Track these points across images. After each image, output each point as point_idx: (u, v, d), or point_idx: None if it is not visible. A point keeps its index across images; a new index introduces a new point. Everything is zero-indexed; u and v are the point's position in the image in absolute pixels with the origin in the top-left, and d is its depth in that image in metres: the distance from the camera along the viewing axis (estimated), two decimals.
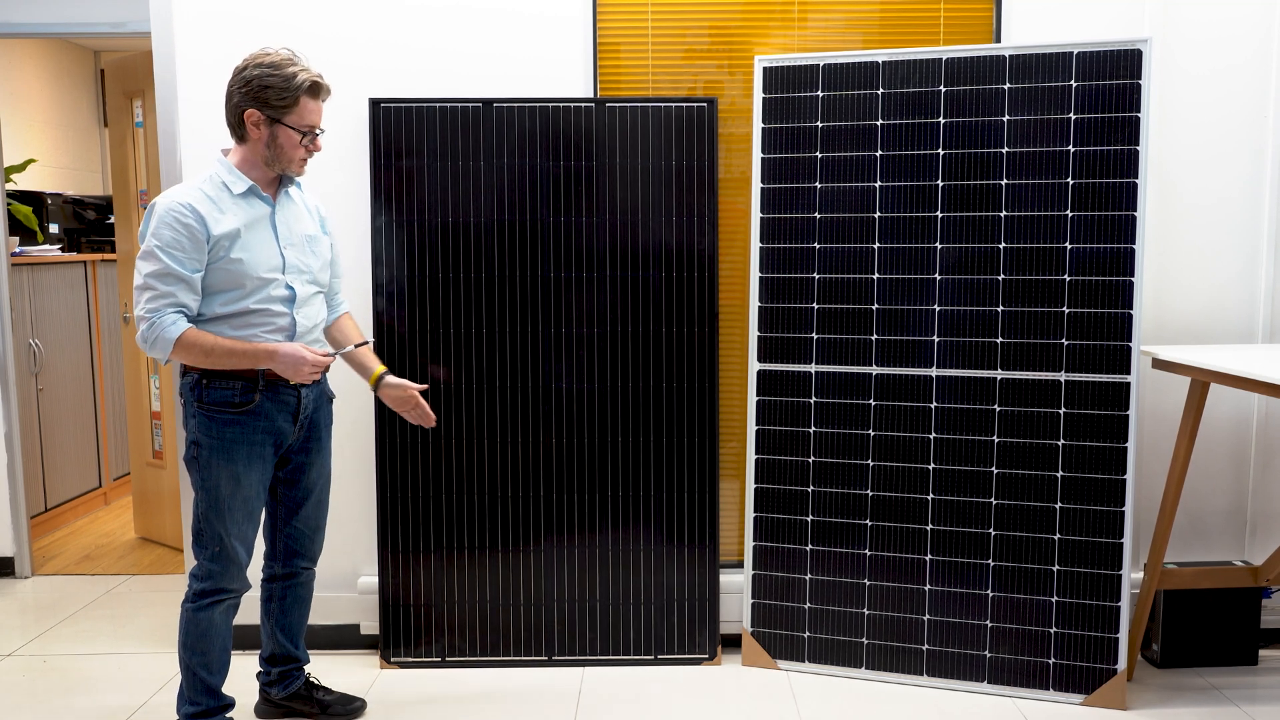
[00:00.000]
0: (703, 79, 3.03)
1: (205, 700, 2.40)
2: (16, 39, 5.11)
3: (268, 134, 2.30)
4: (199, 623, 2.36)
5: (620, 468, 2.97)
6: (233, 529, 2.34)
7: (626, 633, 2.99)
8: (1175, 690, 2.81)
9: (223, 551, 2.34)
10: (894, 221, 2.82)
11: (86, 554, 4.10)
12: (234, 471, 2.33)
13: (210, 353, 2.25)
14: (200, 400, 2.31)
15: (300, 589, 2.61)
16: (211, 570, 2.35)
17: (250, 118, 2.29)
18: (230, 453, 2.32)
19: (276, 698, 2.65)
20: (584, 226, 2.94)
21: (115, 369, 4.83)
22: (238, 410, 2.32)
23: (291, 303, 2.37)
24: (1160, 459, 3.03)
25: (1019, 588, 2.76)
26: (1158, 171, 2.96)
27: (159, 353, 2.24)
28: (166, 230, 2.21)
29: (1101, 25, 2.93)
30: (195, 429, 2.33)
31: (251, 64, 2.29)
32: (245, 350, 2.28)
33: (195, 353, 2.24)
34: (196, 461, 2.33)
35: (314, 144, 2.36)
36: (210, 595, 2.36)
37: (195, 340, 2.23)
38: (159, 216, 2.23)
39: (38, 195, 4.73)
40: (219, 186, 2.31)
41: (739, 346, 3.09)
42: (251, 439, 2.35)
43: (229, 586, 2.37)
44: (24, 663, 3.06)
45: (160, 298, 2.22)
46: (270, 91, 2.26)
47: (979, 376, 2.78)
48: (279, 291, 2.35)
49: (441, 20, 2.96)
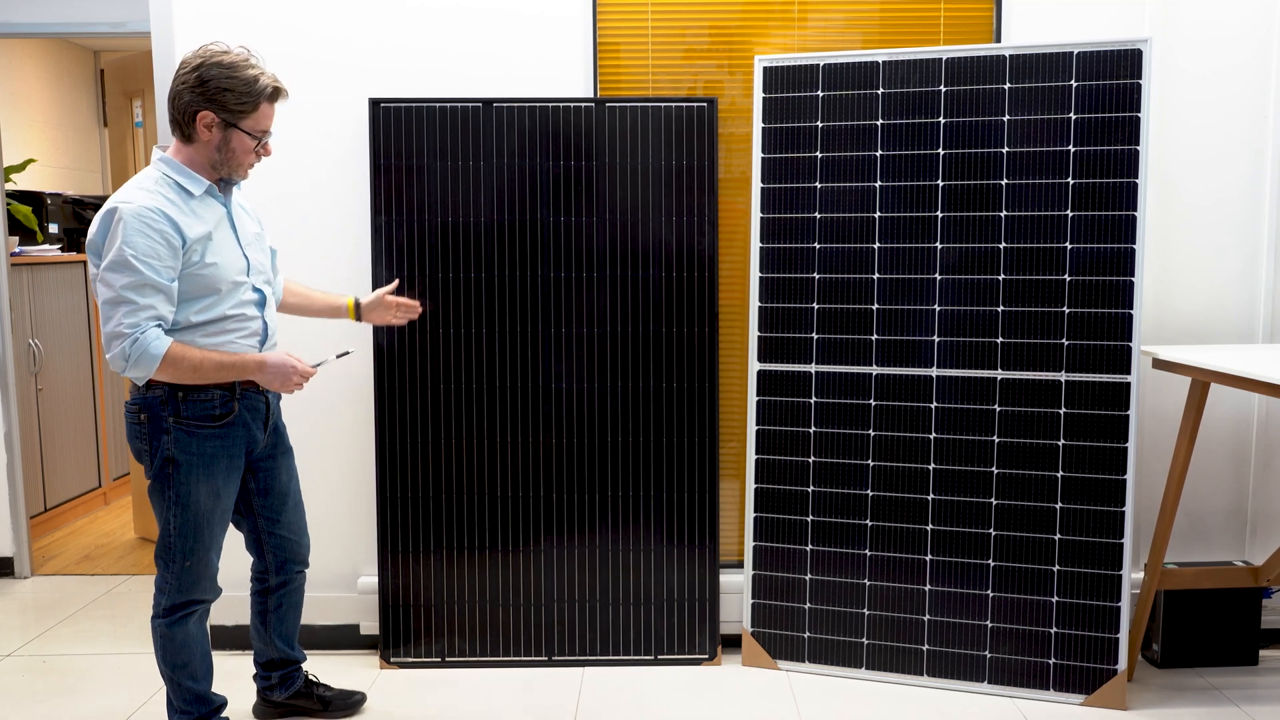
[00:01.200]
0: (703, 79, 3.02)
1: (196, 708, 2.34)
2: (16, 39, 5.11)
3: (220, 137, 2.18)
4: (174, 638, 2.28)
5: (620, 468, 2.97)
6: (210, 542, 2.27)
7: (626, 633, 2.99)
8: (1175, 690, 2.81)
9: (194, 565, 2.25)
10: (894, 221, 2.82)
11: (86, 554, 4.10)
12: (214, 486, 2.25)
13: (199, 368, 2.13)
14: (177, 415, 2.19)
15: (295, 594, 2.59)
16: (183, 584, 2.26)
17: (203, 119, 2.16)
18: (211, 467, 2.23)
19: (279, 699, 2.64)
20: (584, 226, 2.93)
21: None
22: (219, 423, 2.23)
23: (262, 306, 2.31)
24: (1160, 459, 3.03)
25: (1019, 588, 2.76)
26: (1158, 171, 2.96)
27: (141, 371, 2.10)
28: (140, 238, 2.06)
29: (1101, 25, 2.93)
30: (170, 445, 2.19)
31: (209, 61, 2.15)
32: (235, 363, 2.19)
33: (183, 368, 2.12)
34: (171, 479, 2.20)
35: (265, 149, 2.27)
36: (182, 608, 2.28)
37: (182, 355, 2.11)
38: (128, 224, 2.06)
39: (37, 195, 4.73)
40: (174, 189, 2.17)
41: (739, 346, 3.09)
42: (231, 451, 2.27)
43: (202, 597, 2.30)
44: (24, 663, 3.06)
45: (138, 311, 2.07)
46: (229, 95, 2.15)
47: (979, 376, 2.78)
48: (249, 295, 2.28)
49: (441, 20, 2.96)
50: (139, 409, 2.21)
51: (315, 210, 2.98)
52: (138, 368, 2.09)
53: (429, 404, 2.95)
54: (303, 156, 2.96)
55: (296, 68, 2.93)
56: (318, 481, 3.05)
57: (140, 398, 2.20)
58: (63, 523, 4.46)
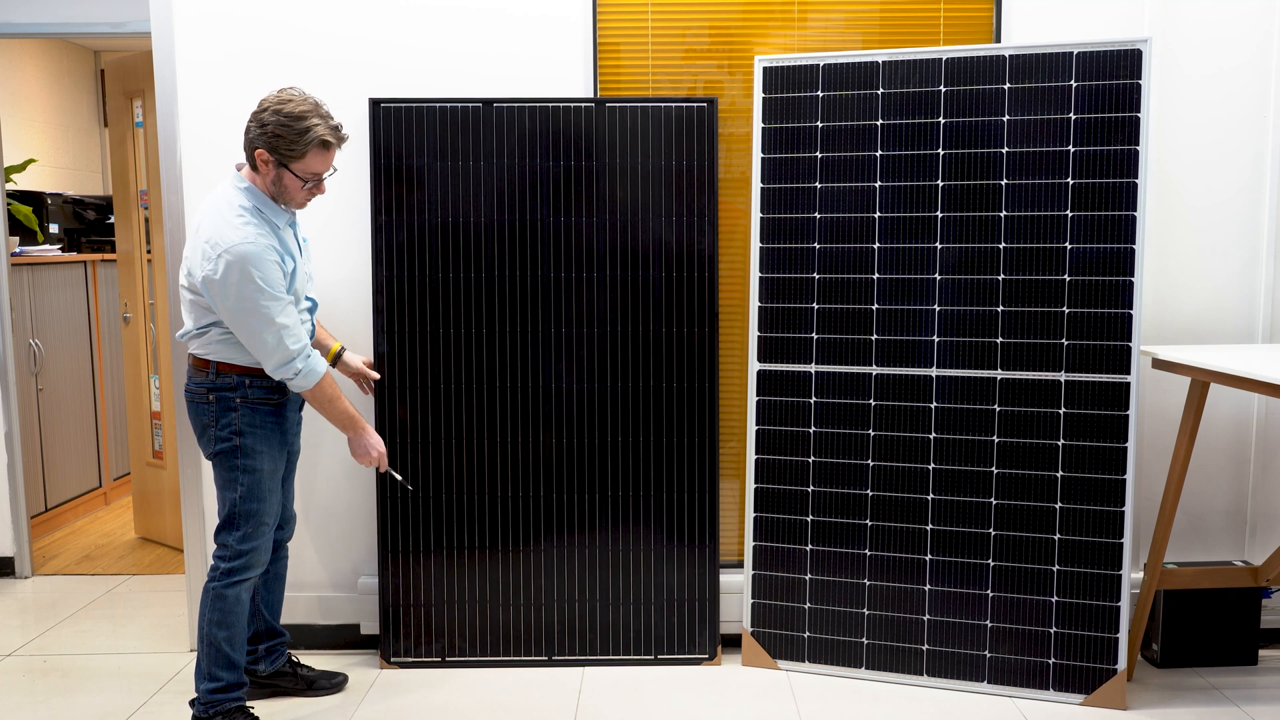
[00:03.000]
0: (703, 79, 3.03)
1: (227, 675, 2.51)
2: (16, 39, 5.11)
3: (274, 174, 2.40)
4: (227, 599, 2.49)
5: (620, 468, 2.97)
6: (271, 509, 2.52)
7: (626, 633, 2.99)
8: (1175, 690, 2.81)
9: (256, 532, 2.50)
10: (894, 221, 2.82)
11: (86, 554, 4.10)
12: (274, 455, 2.53)
13: (333, 401, 2.50)
14: (245, 398, 2.46)
15: (281, 563, 2.78)
16: (242, 551, 2.49)
17: (260, 156, 2.39)
18: (270, 439, 2.51)
19: (264, 673, 2.77)
20: (584, 226, 2.94)
21: (115, 369, 4.83)
22: (276, 403, 2.51)
23: (313, 312, 2.61)
24: (1160, 459, 3.03)
25: (1019, 588, 2.76)
26: (1158, 172, 2.96)
27: (309, 384, 2.44)
28: (270, 271, 2.34)
29: (1101, 25, 2.93)
30: (237, 421, 2.46)
31: (271, 107, 2.37)
32: (353, 418, 2.55)
33: (321, 393, 2.47)
34: (238, 451, 2.47)
35: (319, 188, 2.47)
36: (239, 574, 2.50)
37: (328, 384, 2.49)
38: (251, 262, 2.30)
39: (38, 195, 4.73)
40: (258, 215, 2.40)
41: (739, 346, 3.09)
42: (284, 426, 2.57)
43: (256, 563, 2.52)
44: (24, 663, 3.06)
45: (299, 335, 2.40)
46: (281, 141, 2.36)
47: (979, 376, 2.78)
48: (305, 304, 2.55)
49: (441, 20, 2.96)
50: (208, 391, 2.47)
51: (315, 210, 2.97)
52: (308, 382, 2.44)
53: (429, 404, 2.95)
54: None
55: (296, 67, 2.93)
56: (318, 481, 3.05)
57: (210, 383, 2.47)
58: (63, 523, 4.46)
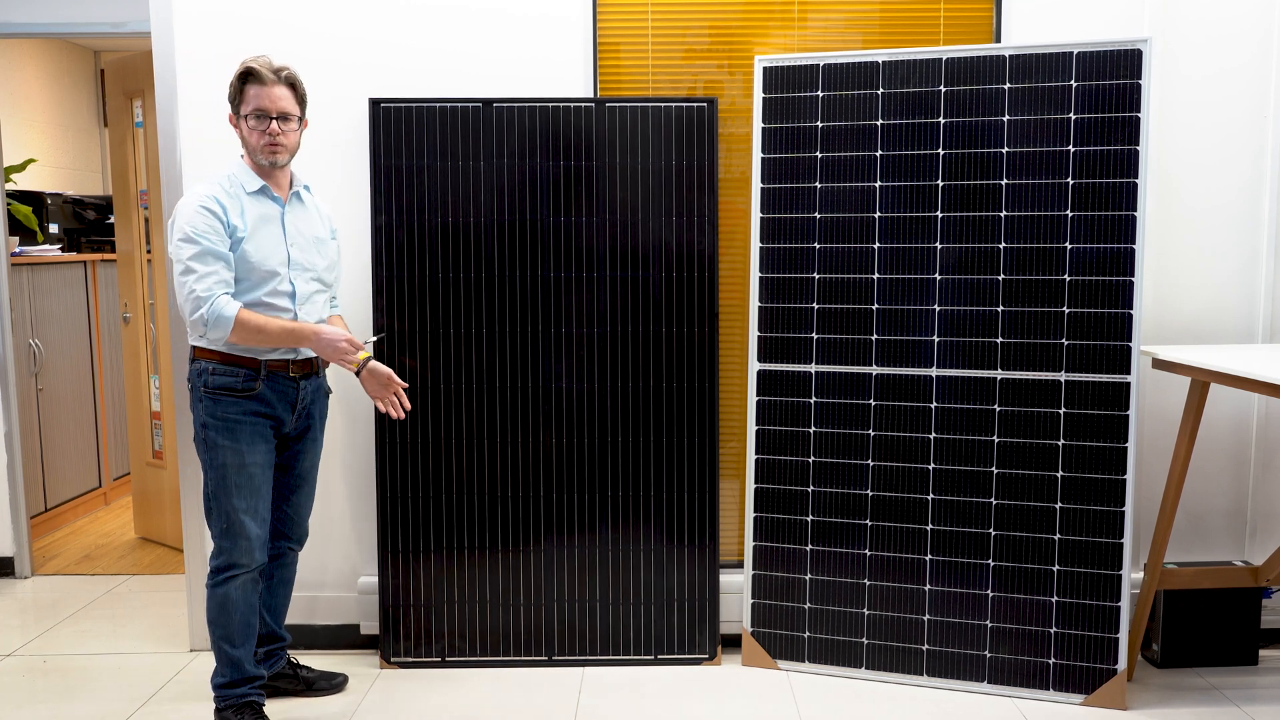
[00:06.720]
0: (703, 79, 3.03)
1: (230, 672, 2.54)
2: (16, 39, 5.11)
3: (239, 132, 2.50)
4: (216, 598, 2.51)
5: (620, 468, 2.97)
6: (239, 504, 2.47)
7: (626, 633, 2.99)
8: (1175, 690, 2.81)
9: (230, 527, 2.48)
10: (894, 221, 2.82)
11: (86, 554, 4.10)
12: (238, 448, 2.47)
13: (263, 329, 2.40)
14: (206, 386, 2.46)
15: (286, 569, 2.75)
16: (223, 546, 2.50)
17: (230, 120, 2.51)
18: (234, 431, 2.47)
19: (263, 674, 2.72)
20: (584, 226, 2.94)
21: (115, 369, 4.83)
22: (239, 394, 2.47)
23: (293, 298, 2.51)
24: (1160, 459, 3.03)
25: (1019, 588, 2.76)
26: (1158, 172, 2.96)
27: (220, 331, 2.37)
28: (197, 217, 2.37)
29: (1101, 25, 2.93)
30: (203, 411, 2.47)
31: None
32: (295, 329, 2.44)
33: (249, 329, 2.39)
34: (205, 442, 2.48)
35: (268, 128, 2.45)
36: (224, 571, 2.50)
37: (249, 317, 2.39)
38: (187, 207, 2.39)
39: (38, 195, 4.73)
40: (236, 184, 2.48)
41: (739, 346, 3.09)
42: (253, 419, 2.50)
43: (239, 561, 2.50)
44: (24, 663, 3.06)
45: (207, 276, 2.36)
46: (231, 92, 2.49)
47: (979, 376, 2.78)
48: (283, 287, 2.49)
49: (441, 20, 2.96)
50: (189, 380, 2.52)
51: None
52: (216, 328, 2.37)
53: (429, 404, 2.95)
54: (303, 156, 2.96)
55: (297, 67, 2.92)
56: (318, 481, 3.04)
57: (189, 370, 2.51)
58: (63, 523, 4.46)
